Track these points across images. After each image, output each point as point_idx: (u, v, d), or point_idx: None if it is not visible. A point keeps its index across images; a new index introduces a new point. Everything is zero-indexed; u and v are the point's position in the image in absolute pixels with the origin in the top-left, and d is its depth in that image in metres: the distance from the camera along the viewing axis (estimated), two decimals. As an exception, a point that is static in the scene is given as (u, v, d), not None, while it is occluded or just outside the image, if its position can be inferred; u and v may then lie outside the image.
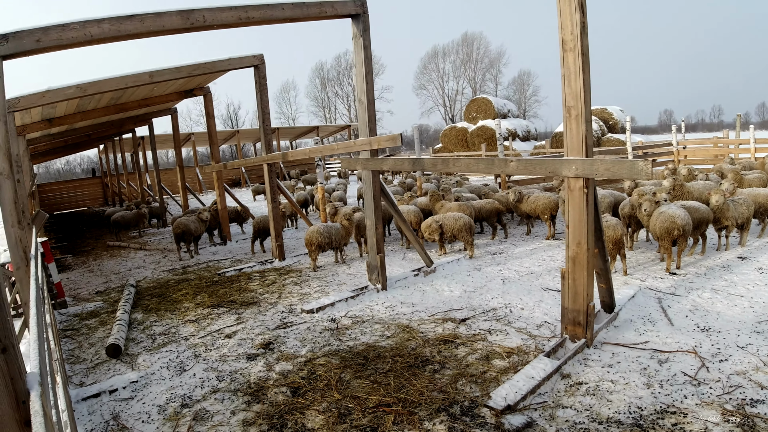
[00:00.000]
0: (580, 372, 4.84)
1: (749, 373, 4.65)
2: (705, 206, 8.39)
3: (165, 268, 10.93)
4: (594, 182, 5.11)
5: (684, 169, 12.23)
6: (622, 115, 36.75)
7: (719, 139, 22.78)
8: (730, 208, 8.57)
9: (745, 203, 8.87)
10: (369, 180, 7.53)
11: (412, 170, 8.26)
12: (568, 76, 5.00)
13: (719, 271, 7.72)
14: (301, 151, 10.18)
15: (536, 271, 8.26)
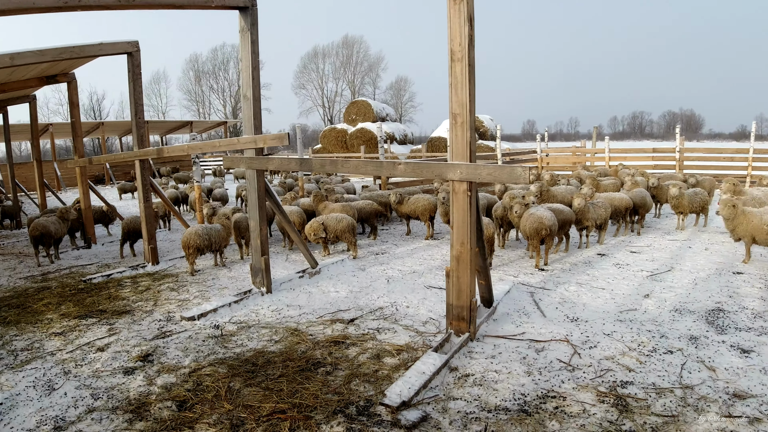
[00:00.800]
0: (467, 364, 5.10)
1: (617, 357, 5.19)
2: (568, 208, 9.20)
3: (22, 275, 9.90)
4: (476, 186, 5.40)
5: (547, 175, 13.25)
6: (491, 123, 39.04)
7: (578, 148, 24.97)
8: (590, 210, 9.47)
9: (602, 206, 9.85)
10: (253, 179, 7.36)
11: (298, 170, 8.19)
12: (455, 85, 5.24)
13: (582, 266, 8.51)
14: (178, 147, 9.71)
15: (418, 270, 8.57)
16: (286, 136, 6.42)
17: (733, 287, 7.37)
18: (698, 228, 11.92)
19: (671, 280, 7.71)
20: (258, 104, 7.20)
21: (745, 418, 4.10)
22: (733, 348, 5.38)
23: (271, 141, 6.61)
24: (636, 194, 11.13)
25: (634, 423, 4.04)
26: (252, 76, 7.09)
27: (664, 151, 21.63)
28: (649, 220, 12.95)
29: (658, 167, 21.40)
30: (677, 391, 4.52)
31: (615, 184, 13.37)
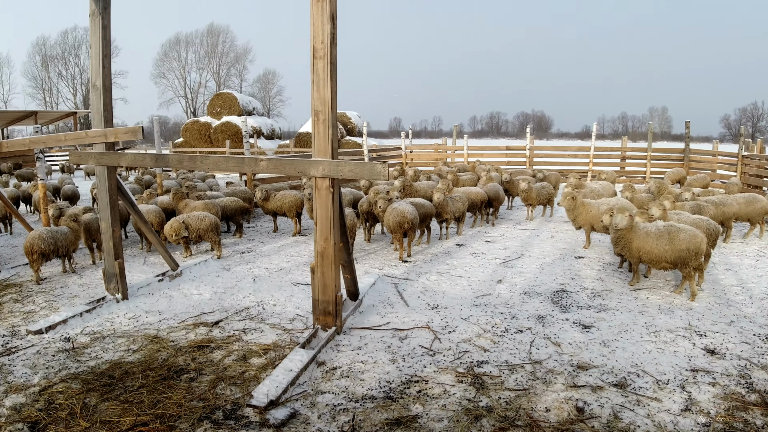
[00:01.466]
0: (334, 358, 5.16)
1: (473, 339, 5.53)
2: (429, 202, 9.61)
3: None
4: (339, 182, 5.46)
5: (411, 171, 13.73)
6: (359, 120, 39.59)
7: (439, 145, 26.06)
8: (449, 203, 9.96)
9: (460, 200, 10.40)
10: (104, 177, 6.83)
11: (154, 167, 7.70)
12: (317, 82, 5.25)
13: (442, 257, 8.94)
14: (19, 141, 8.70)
15: (285, 267, 8.50)
16: (140, 130, 6.05)
17: (575, 270, 8.15)
18: (545, 218, 13.03)
19: (521, 266, 8.36)
20: (109, 95, 6.69)
21: (588, 387, 4.56)
22: (576, 324, 5.96)
23: (124, 135, 6.19)
24: (490, 188, 11.91)
25: (489, 399, 4.33)
26: (102, 64, 6.57)
27: (516, 148, 23.31)
28: (503, 212, 13.93)
29: (511, 163, 23.00)
30: (527, 367, 4.92)
31: (472, 179, 14.19)
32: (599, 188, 12.14)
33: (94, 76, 6.65)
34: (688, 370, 4.92)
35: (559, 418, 4.08)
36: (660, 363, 5.04)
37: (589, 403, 4.29)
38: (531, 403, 4.29)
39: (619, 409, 4.22)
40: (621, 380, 4.69)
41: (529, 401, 4.31)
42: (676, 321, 6.10)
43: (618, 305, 6.61)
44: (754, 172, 18.18)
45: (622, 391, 4.51)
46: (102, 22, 6.52)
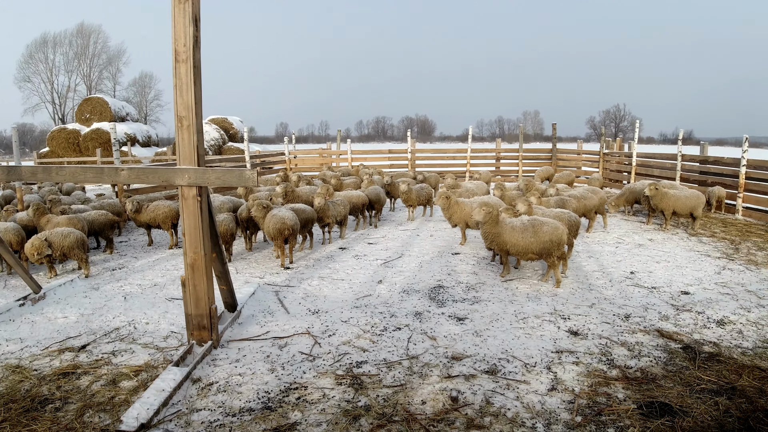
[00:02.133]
0: (210, 373, 4.97)
1: (353, 341, 5.56)
2: (310, 207, 9.56)
3: None
4: (207, 190, 5.28)
5: (294, 176, 13.62)
6: (241, 125, 38.63)
7: (324, 150, 26.06)
8: (330, 207, 9.97)
9: (342, 203, 10.45)
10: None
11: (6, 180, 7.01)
12: (180, 86, 5.04)
13: (325, 261, 8.93)
14: None
15: (160, 283, 8.07)
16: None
17: (451, 266, 8.47)
18: (426, 218, 13.45)
19: (401, 266, 8.56)
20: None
21: (462, 376, 4.74)
22: (451, 318, 6.18)
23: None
24: (372, 191, 12.08)
25: (368, 398, 4.38)
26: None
27: (398, 152, 23.82)
28: (386, 214, 14.20)
29: (394, 166, 23.47)
30: (405, 363, 5.03)
31: (356, 183, 14.31)
32: (474, 187, 12.73)
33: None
34: (553, 351, 5.27)
35: (434, 409, 4.21)
36: (528, 347, 5.36)
37: (463, 392, 4.46)
38: (408, 397, 4.38)
39: (491, 394, 4.43)
40: (492, 367, 4.92)
41: (406, 396, 4.40)
42: (543, 307, 6.52)
43: (490, 296, 6.95)
44: (614, 167, 19.96)
45: (493, 377, 4.73)
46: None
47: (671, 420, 4.06)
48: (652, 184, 11.59)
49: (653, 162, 17.88)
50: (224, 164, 18.56)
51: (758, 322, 6.14)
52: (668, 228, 11.65)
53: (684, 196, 11.30)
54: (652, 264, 8.74)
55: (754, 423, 4.03)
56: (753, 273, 8.22)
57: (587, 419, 4.08)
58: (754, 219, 13.27)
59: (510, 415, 4.12)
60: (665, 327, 5.98)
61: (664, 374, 4.83)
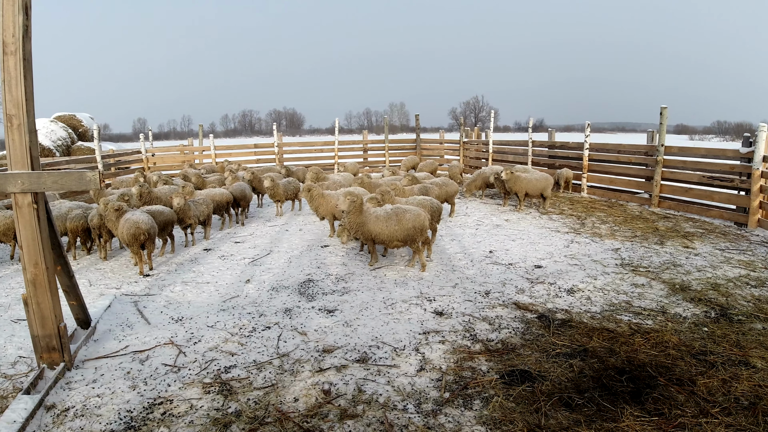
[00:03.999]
0: (66, 398, 4.54)
1: (221, 346, 5.36)
2: (169, 209, 9.06)
3: None
4: (44, 196, 4.82)
5: (154, 176, 12.85)
6: (92, 122, 35.68)
7: (185, 146, 24.80)
8: (191, 208, 9.52)
9: (204, 202, 10.02)
10: None
11: None
12: (9, 81, 4.53)
13: (189, 264, 8.52)
14: None
15: (4, 303, 7.20)
16: None
17: (321, 259, 8.46)
18: (295, 212, 13.33)
19: (270, 263, 8.40)
20: None
21: (333, 368, 4.76)
22: (321, 311, 6.19)
23: None
24: (236, 188, 11.72)
25: (238, 403, 4.26)
26: None
27: (265, 146, 23.30)
28: (254, 210, 13.86)
29: (261, 161, 22.96)
30: (275, 362, 4.95)
31: (220, 180, 13.81)
32: (341, 179, 12.80)
33: None
34: (420, 333, 5.46)
35: (307, 404, 4.19)
36: (397, 332, 5.51)
37: (335, 384, 4.49)
38: (279, 397, 4.32)
39: (363, 382, 4.50)
40: (363, 355, 5.00)
41: (277, 396, 4.34)
42: (410, 291, 6.73)
43: (359, 286, 7.05)
44: (474, 155, 21.06)
45: (364, 365, 4.81)
46: None
47: (531, 385, 4.38)
48: (507, 168, 12.39)
49: (507, 149, 19.11)
50: (72, 165, 17.02)
51: (604, 288, 6.80)
52: (522, 208, 12.53)
53: (535, 179, 12.21)
54: (508, 242, 9.35)
55: (606, 381, 4.45)
56: (598, 244, 9.08)
57: (455, 394, 4.28)
58: (597, 196, 14.68)
59: (382, 401, 4.21)
60: (522, 299, 6.43)
61: (523, 343, 5.20)
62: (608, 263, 7.94)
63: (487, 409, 4.08)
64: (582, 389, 4.34)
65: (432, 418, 3.98)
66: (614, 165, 14.45)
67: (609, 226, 10.67)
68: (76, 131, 34.51)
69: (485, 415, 4.01)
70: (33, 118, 4.71)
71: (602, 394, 4.25)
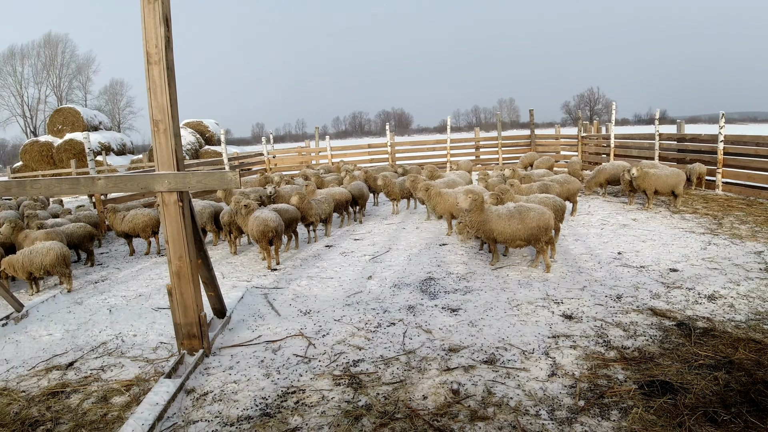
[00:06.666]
0: (204, 383, 4.83)
1: (348, 339, 5.47)
2: (293, 207, 9.42)
3: None
4: (188, 195, 5.14)
5: (276, 176, 13.45)
6: (217, 127, 38.20)
7: (302, 148, 25.84)
8: (313, 206, 9.84)
9: (325, 201, 10.32)
10: None
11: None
12: (154, 89, 4.89)
13: (312, 260, 8.82)
14: None
15: (145, 293, 7.88)
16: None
17: (440, 257, 8.41)
18: (410, 211, 13.38)
19: (390, 260, 8.48)
20: None
21: (461, 368, 4.68)
22: (445, 309, 6.12)
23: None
24: (354, 187, 11.98)
25: (368, 396, 4.29)
26: None
27: (378, 146, 23.68)
28: (370, 209, 14.10)
29: (374, 160, 23.36)
30: (402, 358, 4.95)
31: (338, 179, 14.18)
32: (457, 177, 12.67)
33: None
34: (550, 337, 5.23)
35: (436, 403, 4.14)
36: (524, 334, 5.31)
37: (464, 384, 4.40)
38: (408, 393, 4.31)
39: (492, 384, 4.37)
40: (490, 356, 4.87)
41: (406, 392, 4.33)
42: (535, 293, 6.49)
43: (482, 285, 6.90)
44: (593, 150, 20.06)
45: (492, 366, 4.68)
46: None
47: (673, 398, 4.04)
48: (636, 164, 11.64)
49: (631, 143, 18.00)
50: (202, 168, 18.27)
51: (748, 295, 6.17)
52: (651, 207, 11.73)
53: (665, 175, 11.38)
54: (638, 243, 8.77)
55: (755, 395, 4.02)
56: (738, 247, 8.28)
57: (590, 402, 4.04)
58: (734, 193, 13.42)
59: (513, 404, 4.07)
60: (657, 305, 5.98)
61: (662, 352, 4.82)
62: (751, 267, 7.21)
63: (626, 420, 3.81)
64: (728, 404, 3.94)
65: (567, 426, 3.78)
66: (753, 159, 13.14)
67: (749, 226, 9.70)
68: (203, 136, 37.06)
69: (624, 426, 3.74)
70: (177, 122, 5.04)
71: (750, 410, 3.84)
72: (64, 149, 35.66)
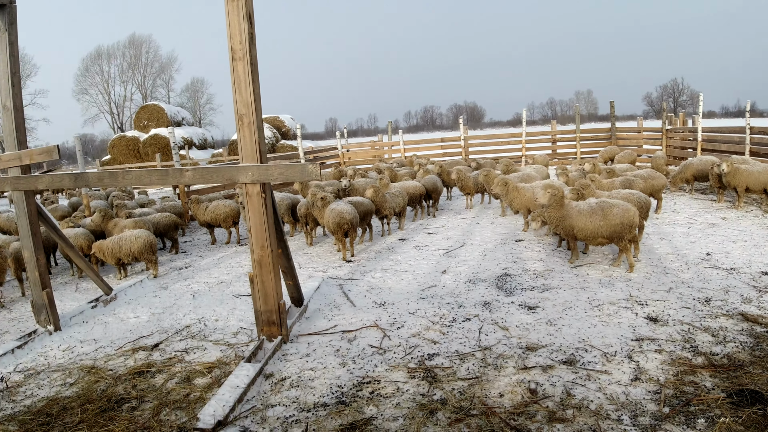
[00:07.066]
0: (282, 368, 4.97)
1: (422, 333, 5.46)
2: (368, 200, 9.50)
3: None
4: (270, 186, 5.28)
5: (350, 170, 13.62)
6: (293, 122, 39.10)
7: (375, 142, 26.02)
8: (387, 199, 9.89)
9: (399, 194, 10.35)
10: (22, 202, 6.35)
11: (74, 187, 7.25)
12: (238, 84, 5.06)
13: (386, 253, 8.87)
14: None
15: (226, 280, 8.20)
16: (56, 149, 5.66)
17: (516, 253, 8.24)
18: (484, 205, 13.20)
19: (464, 255, 8.39)
20: (21, 115, 6.21)
21: (539, 367, 4.57)
22: (522, 306, 5.99)
23: (38, 156, 5.78)
24: (428, 181, 11.94)
25: (443, 391, 4.27)
26: (12, 82, 6.08)
27: (451, 140, 23.50)
28: (443, 203, 14.02)
29: (447, 155, 23.21)
30: (478, 354, 4.89)
31: (411, 173, 14.19)
32: (533, 172, 12.37)
33: (4, 97, 6.15)
34: (633, 339, 5.02)
35: (513, 402, 4.06)
36: (606, 336, 5.12)
37: (541, 384, 4.30)
38: (484, 390, 4.25)
39: (571, 386, 4.24)
40: (570, 357, 4.73)
41: (482, 389, 4.27)
42: (617, 293, 6.24)
43: (560, 283, 6.71)
44: (678, 144, 19.03)
45: (572, 367, 4.54)
46: (8, 38, 6.04)
47: (763, 408, 3.78)
48: (727, 160, 10.95)
49: (720, 137, 16.93)
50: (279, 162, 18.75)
51: None
52: (741, 205, 11.01)
53: (757, 171, 10.63)
54: (728, 244, 8.26)
55: None
56: (842, 249, 7.65)
57: (675, 410, 3.85)
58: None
59: (593, 407, 3.93)
60: (749, 310, 5.61)
61: (752, 360, 4.52)
62: None
63: (713, 430, 3.59)
64: (830, 420, 3.65)
65: (651, 432, 3.63)
66: None
67: None
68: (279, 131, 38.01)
69: (712, 436, 3.55)
70: (260, 116, 5.17)
71: None
72: (149, 143, 37.64)
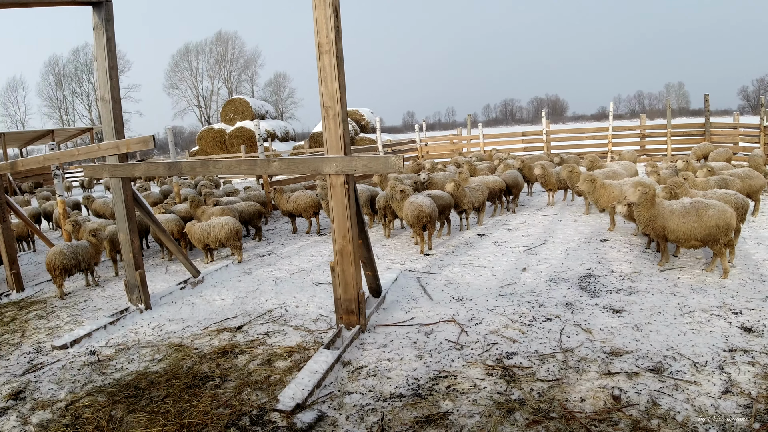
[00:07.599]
0: (360, 357, 5.06)
1: (501, 330, 5.39)
2: (447, 194, 9.45)
3: None
4: (353, 178, 5.37)
5: (428, 163, 13.60)
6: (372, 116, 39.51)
7: (454, 136, 25.82)
8: (467, 193, 9.80)
9: (479, 189, 10.23)
10: (119, 188, 6.81)
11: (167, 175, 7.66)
12: (324, 77, 5.16)
13: (464, 248, 8.80)
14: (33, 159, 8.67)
15: (306, 268, 8.42)
16: (151, 139, 5.98)
17: (601, 254, 7.95)
18: (567, 202, 12.80)
19: (545, 253, 8.18)
20: (118, 106, 6.65)
21: (624, 373, 4.40)
22: (606, 309, 5.78)
23: (135, 145, 6.14)
24: (508, 176, 11.71)
25: (522, 391, 4.20)
26: (110, 76, 6.53)
27: (532, 134, 22.94)
28: (523, 199, 13.73)
29: (528, 149, 22.69)
30: (558, 356, 4.77)
31: (490, 168, 13.98)
32: (621, 168, 11.87)
33: (102, 89, 6.61)
34: (725, 350, 4.74)
35: (594, 407, 3.94)
36: (696, 344, 4.86)
37: (626, 391, 4.14)
38: (565, 393, 4.15)
39: (657, 395, 4.07)
40: (657, 365, 4.52)
41: (562, 392, 4.17)
42: (710, 300, 5.90)
43: (648, 287, 6.42)
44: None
45: (658, 376, 4.35)
46: (106, 34, 6.47)
47: None
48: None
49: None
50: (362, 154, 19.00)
51: None
52: None
53: None
54: (837, 252, 7.62)
55: None
56: None
57: (766, 426, 3.61)
58: None
59: (680, 419, 3.75)
60: None
61: None
62: None
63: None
64: None
65: (741, 449, 3.42)
66: None
67: None
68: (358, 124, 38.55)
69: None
70: (345, 109, 5.26)
71: None
72: (235, 135, 39.24)
